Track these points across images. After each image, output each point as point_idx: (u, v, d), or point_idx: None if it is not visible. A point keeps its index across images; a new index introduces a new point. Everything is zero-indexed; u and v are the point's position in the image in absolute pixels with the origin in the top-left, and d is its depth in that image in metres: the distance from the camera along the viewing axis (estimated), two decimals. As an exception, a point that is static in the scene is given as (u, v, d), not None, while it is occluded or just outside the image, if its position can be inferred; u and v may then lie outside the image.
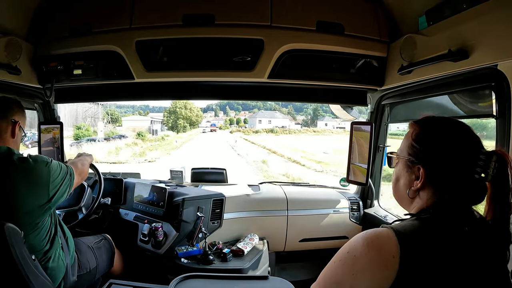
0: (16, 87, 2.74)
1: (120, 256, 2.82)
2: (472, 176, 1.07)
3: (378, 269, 0.97)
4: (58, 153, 3.29)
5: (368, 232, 1.04)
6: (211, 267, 2.72)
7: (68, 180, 2.05)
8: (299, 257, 3.51)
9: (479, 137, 1.12)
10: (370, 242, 1.00)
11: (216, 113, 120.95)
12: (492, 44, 1.73)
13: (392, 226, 1.03)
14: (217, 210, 3.13)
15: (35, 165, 1.87)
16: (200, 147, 37.84)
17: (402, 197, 1.22)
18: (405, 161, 1.19)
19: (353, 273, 1.00)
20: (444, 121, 1.18)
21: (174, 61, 2.67)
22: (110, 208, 3.11)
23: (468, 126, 1.14)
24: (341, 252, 1.07)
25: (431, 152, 1.13)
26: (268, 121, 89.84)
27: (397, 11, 2.53)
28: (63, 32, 2.66)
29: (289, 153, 33.20)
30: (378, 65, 2.71)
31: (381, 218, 3.18)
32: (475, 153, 1.08)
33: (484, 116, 2.12)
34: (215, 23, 2.53)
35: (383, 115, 3.17)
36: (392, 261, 0.95)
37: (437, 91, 2.36)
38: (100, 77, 2.77)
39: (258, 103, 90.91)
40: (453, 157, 1.09)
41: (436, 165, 1.11)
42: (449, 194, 1.09)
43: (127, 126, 67.43)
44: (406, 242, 0.97)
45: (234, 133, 73.22)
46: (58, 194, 1.96)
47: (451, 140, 1.11)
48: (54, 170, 1.95)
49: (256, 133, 71.96)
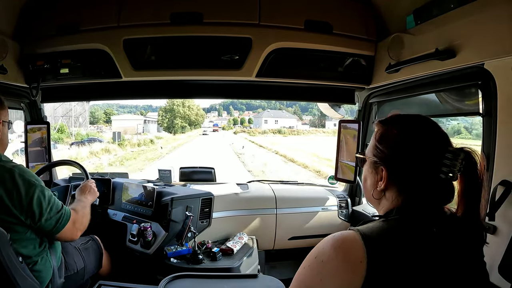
0: (2, 86, 2.70)
1: (108, 257, 2.80)
2: (438, 175, 1.05)
3: (346, 274, 0.95)
4: (45, 153, 3.27)
5: (336, 235, 1.02)
6: (200, 266, 2.70)
7: (55, 220, 1.93)
8: (289, 255, 3.52)
9: (447, 134, 1.10)
10: (337, 247, 0.98)
11: (219, 113, 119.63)
12: (479, 43, 1.75)
13: (359, 229, 1.01)
14: (206, 209, 3.12)
15: (19, 179, 1.80)
16: (195, 155, 29.20)
17: (370, 197, 1.21)
18: (370, 162, 1.18)
19: (320, 278, 0.98)
20: (408, 119, 1.16)
21: (162, 59, 2.66)
22: (98, 209, 3.08)
23: (435, 123, 1.12)
24: (310, 256, 1.05)
25: (393, 153, 1.11)
26: (274, 121, 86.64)
27: (385, 10, 2.55)
28: (50, 31, 2.63)
29: (310, 160, 25.83)
30: (366, 63, 2.73)
31: (369, 215, 3.19)
32: (441, 151, 1.05)
33: (470, 115, 2.15)
34: (203, 21, 2.52)
35: (371, 113, 3.19)
36: (359, 266, 0.93)
37: (424, 89, 2.38)
38: (87, 76, 2.74)
39: (262, 102, 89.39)
40: (416, 157, 1.07)
41: (398, 165, 1.10)
42: (414, 195, 1.08)
43: (118, 126, 60.99)
44: (373, 246, 0.95)
45: (239, 134, 69.45)
46: (40, 222, 1.86)
47: (413, 139, 1.09)
48: (38, 196, 1.85)
49: (262, 134, 67.39)
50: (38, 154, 3.26)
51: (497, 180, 1.71)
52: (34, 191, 1.82)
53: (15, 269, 1.73)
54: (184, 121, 72.83)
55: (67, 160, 3.14)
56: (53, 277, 2.10)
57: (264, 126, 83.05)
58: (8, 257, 1.69)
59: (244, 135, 65.73)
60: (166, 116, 71.48)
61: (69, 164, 3.04)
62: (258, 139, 54.82)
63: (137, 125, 64.86)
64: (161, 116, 73.25)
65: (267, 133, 69.03)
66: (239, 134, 70.47)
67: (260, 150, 37.00)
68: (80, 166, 2.90)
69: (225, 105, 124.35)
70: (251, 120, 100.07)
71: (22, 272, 1.79)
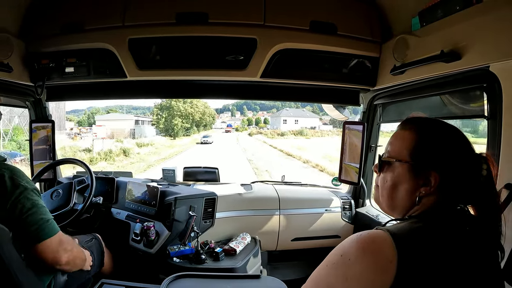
0: (8, 84, 2.71)
1: (110, 255, 2.80)
2: (477, 178, 1.07)
3: (374, 275, 0.93)
4: (50, 151, 3.28)
5: (363, 234, 0.99)
6: (203, 266, 2.71)
7: (37, 227, 1.84)
8: (291, 256, 3.52)
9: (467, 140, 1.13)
10: (365, 246, 0.96)
11: (232, 113, 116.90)
12: (484, 46, 1.74)
13: (388, 229, 0.98)
14: (209, 209, 3.12)
15: (8, 180, 1.78)
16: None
17: (398, 204, 1.16)
18: (408, 166, 1.12)
19: (347, 277, 0.96)
20: (441, 124, 1.16)
21: (167, 59, 2.66)
22: (102, 207, 3.08)
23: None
24: (334, 255, 1.02)
25: (443, 157, 1.09)
26: (294, 121, 78.85)
27: (390, 11, 2.54)
28: (55, 30, 2.64)
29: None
30: (370, 65, 2.72)
31: (373, 218, 3.19)
32: (475, 156, 1.09)
33: (475, 117, 2.13)
34: (208, 21, 2.52)
35: (375, 115, 3.19)
36: (389, 266, 0.91)
37: (429, 91, 2.37)
38: (92, 75, 2.75)
39: (276, 102, 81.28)
40: (462, 161, 1.08)
41: (450, 169, 1.08)
42: (455, 197, 1.09)
43: (106, 127, 50.30)
44: (403, 245, 0.93)
45: (254, 136, 62.12)
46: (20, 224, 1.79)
47: (457, 143, 1.10)
48: (23, 197, 1.81)
49: (282, 136, 58.48)
50: (42, 153, 3.28)
51: (501, 183, 1.69)
52: (20, 193, 1.79)
53: (17, 267, 1.74)
54: (187, 121, 60.18)
55: (71, 159, 3.15)
56: (55, 274, 2.10)
57: (283, 126, 75.38)
58: (10, 254, 1.70)
59: (260, 137, 58.13)
60: (162, 115, 57.67)
61: (74, 162, 3.05)
62: (277, 142, 45.86)
63: (133, 126, 55.01)
64: (156, 115, 59.33)
65: (286, 134, 60.60)
66: (254, 136, 63.33)
67: (287, 161, 28.06)
68: (84, 164, 2.91)
69: (239, 106, 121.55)
70: (267, 120, 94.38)
71: (24, 269, 1.80)
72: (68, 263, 1.99)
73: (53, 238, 1.88)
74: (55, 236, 1.90)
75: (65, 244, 1.97)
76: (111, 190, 3.36)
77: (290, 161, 27.85)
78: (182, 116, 58.36)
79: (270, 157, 29.86)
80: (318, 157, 27.92)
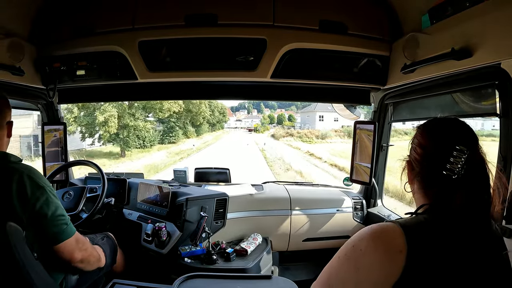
0: (20, 87, 2.75)
1: (122, 254, 2.81)
2: (440, 171, 1.07)
3: (384, 265, 0.96)
4: (62, 153, 3.32)
5: (374, 226, 1.04)
6: (214, 266, 2.72)
7: (57, 228, 1.86)
8: (303, 256, 3.51)
9: (462, 133, 1.12)
10: (376, 237, 1.00)
11: (249, 111, 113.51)
12: (495, 43, 1.72)
13: (397, 221, 1.03)
14: (220, 210, 3.13)
15: (27, 180, 1.78)
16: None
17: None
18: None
19: (358, 267, 1.00)
20: (435, 121, 1.20)
21: (177, 61, 2.67)
22: (114, 208, 3.11)
23: (462, 122, 1.15)
24: (346, 247, 1.06)
25: (414, 147, 1.18)
26: (334, 119, 59.72)
27: (400, 10, 2.52)
28: (66, 33, 2.67)
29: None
30: (381, 64, 2.70)
31: (385, 218, 3.18)
32: (448, 149, 1.08)
33: (487, 115, 2.11)
34: (218, 23, 2.53)
35: (386, 114, 3.17)
36: (398, 255, 0.95)
37: (440, 90, 2.35)
38: (103, 77, 2.77)
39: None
40: (429, 152, 1.13)
41: (414, 158, 1.17)
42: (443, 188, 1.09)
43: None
44: (412, 235, 0.97)
45: (282, 140, 46.78)
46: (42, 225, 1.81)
47: (430, 136, 1.15)
48: (45, 199, 1.81)
49: (323, 140, 44.36)
50: (55, 155, 3.32)
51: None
52: (41, 194, 1.80)
53: (30, 266, 1.75)
54: (177, 125, 39.78)
55: (83, 160, 3.17)
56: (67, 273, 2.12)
57: (319, 125, 61.14)
58: (24, 254, 1.71)
59: (293, 142, 43.28)
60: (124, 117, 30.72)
61: (86, 164, 3.08)
62: (324, 150, 32.86)
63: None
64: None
65: (330, 137, 45.49)
66: (282, 139, 47.29)
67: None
68: (96, 166, 2.94)
69: (256, 103, 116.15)
70: (292, 117, 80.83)
71: (37, 268, 1.81)
72: (82, 261, 2.02)
73: (71, 239, 1.92)
74: (73, 237, 1.93)
75: (80, 243, 2.00)
76: (122, 191, 3.38)
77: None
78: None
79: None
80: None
